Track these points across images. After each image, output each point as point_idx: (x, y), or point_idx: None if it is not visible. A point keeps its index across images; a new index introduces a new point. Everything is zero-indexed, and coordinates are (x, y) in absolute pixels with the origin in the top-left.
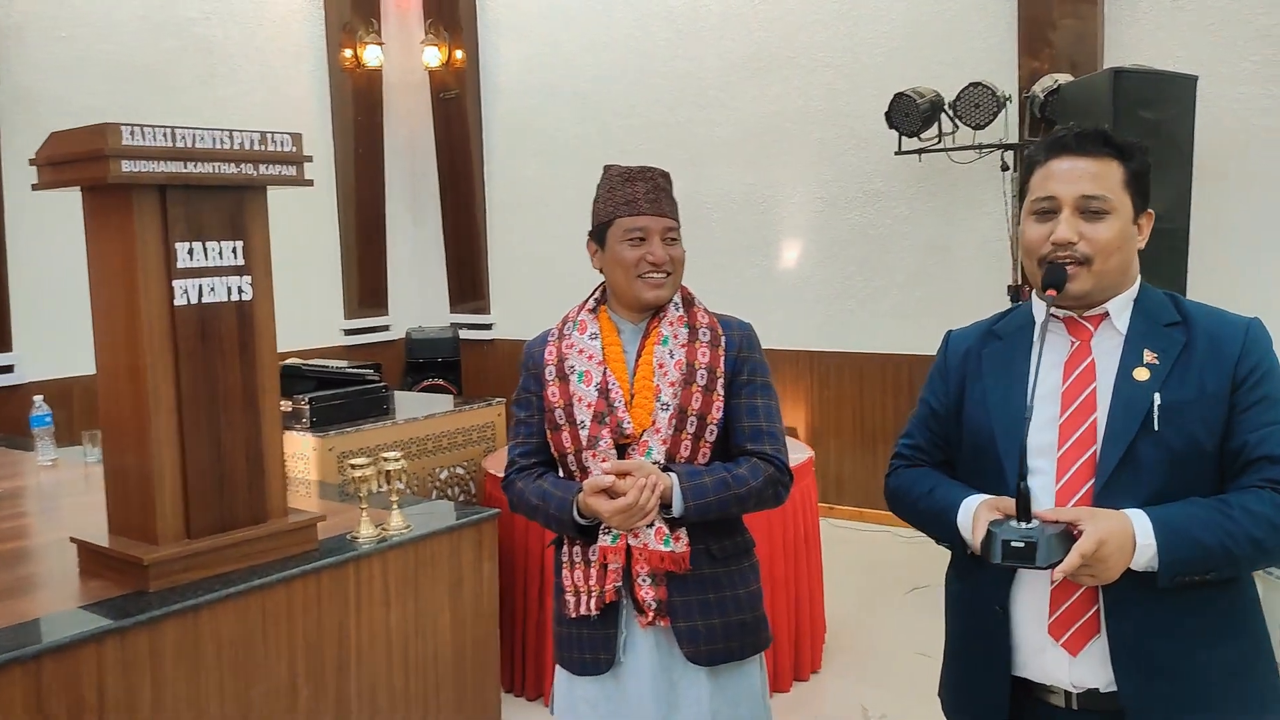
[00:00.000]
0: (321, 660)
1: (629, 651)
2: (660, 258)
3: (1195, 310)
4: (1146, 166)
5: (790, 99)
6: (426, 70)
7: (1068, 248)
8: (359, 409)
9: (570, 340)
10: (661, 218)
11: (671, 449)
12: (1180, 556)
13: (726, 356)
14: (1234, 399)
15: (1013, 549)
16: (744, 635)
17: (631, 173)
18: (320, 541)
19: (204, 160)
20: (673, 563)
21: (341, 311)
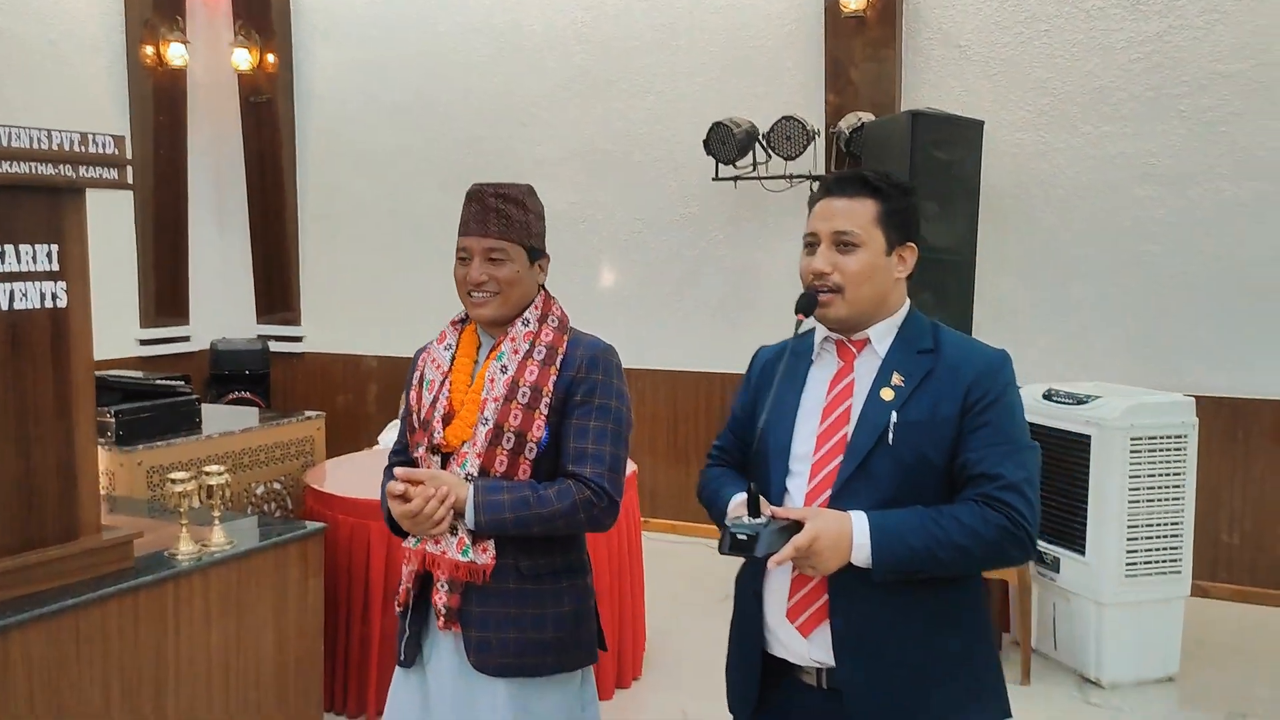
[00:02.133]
0: (139, 682)
1: (432, 649)
2: (476, 278)
3: (949, 340)
4: (905, 205)
5: (611, 121)
6: (236, 72)
7: (823, 277)
8: (169, 422)
9: (430, 350)
10: (484, 238)
11: (486, 463)
12: (891, 555)
13: (562, 376)
14: (963, 421)
15: (737, 540)
16: (544, 654)
17: (470, 192)
18: (136, 559)
19: (20, 160)
20: (469, 573)
21: (138, 320)
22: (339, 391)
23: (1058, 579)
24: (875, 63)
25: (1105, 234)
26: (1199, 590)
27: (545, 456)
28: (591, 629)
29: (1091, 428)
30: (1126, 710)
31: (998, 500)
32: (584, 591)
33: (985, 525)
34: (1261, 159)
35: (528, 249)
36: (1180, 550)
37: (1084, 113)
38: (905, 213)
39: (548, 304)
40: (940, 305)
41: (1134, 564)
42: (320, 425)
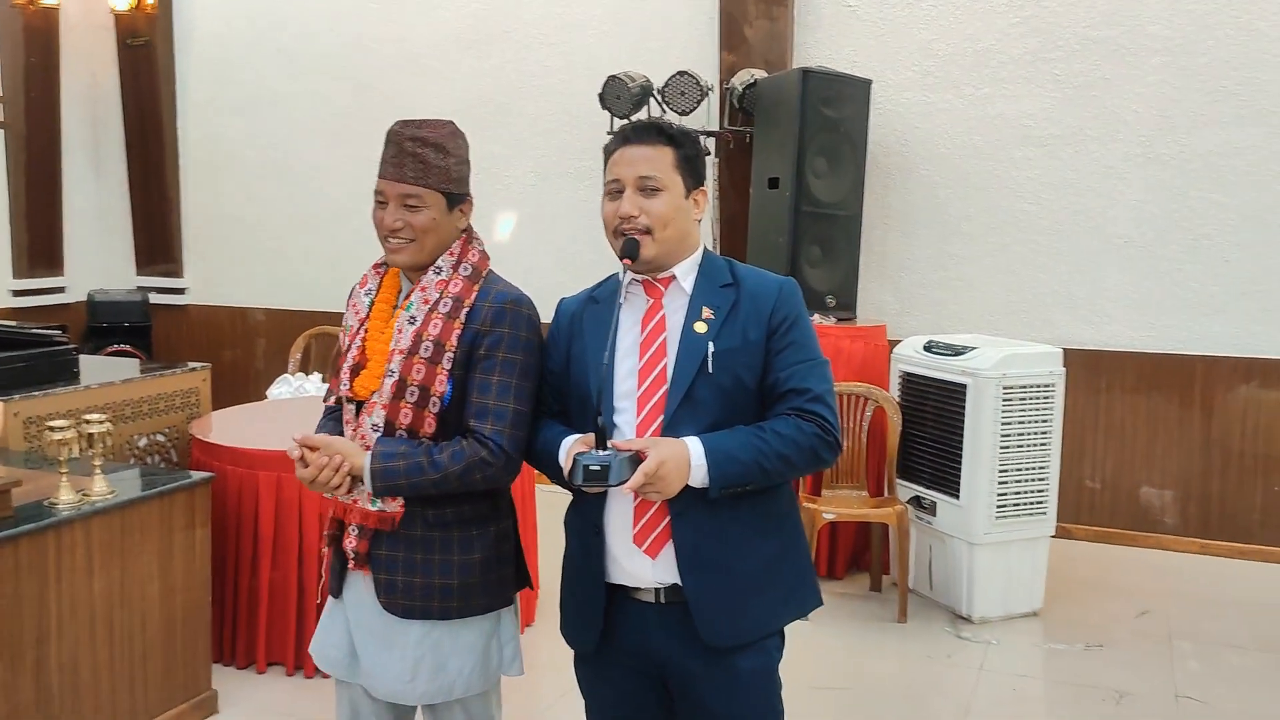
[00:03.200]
0: (19, 632)
1: (352, 586)
2: (391, 224)
3: (745, 273)
4: (696, 152)
5: (505, 73)
6: (112, 13)
7: (631, 220)
8: (45, 372)
9: (353, 295)
10: (399, 183)
11: (391, 415)
12: (725, 472)
13: (467, 329)
14: (769, 344)
15: (590, 471)
16: (449, 598)
17: (389, 132)
18: (14, 508)
19: None
20: (378, 521)
21: (10, 271)
22: (225, 345)
23: (934, 522)
24: (768, 20)
25: (984, 192)
26: (1063, 531)
27: (451, 410)
28: (506, 573)
29: (967, 377)
30: (994, 643)
31: (809, 412)
32: (497, 537)
33: (802, 434)
34: (1127, 122)
35: (446, 195)
36: (1046, 493)
37: (966, 74)
38: (697, 159)
39: (465, 250)
40: (827, 259)
41: (1004, 506)
42: (206, 377)
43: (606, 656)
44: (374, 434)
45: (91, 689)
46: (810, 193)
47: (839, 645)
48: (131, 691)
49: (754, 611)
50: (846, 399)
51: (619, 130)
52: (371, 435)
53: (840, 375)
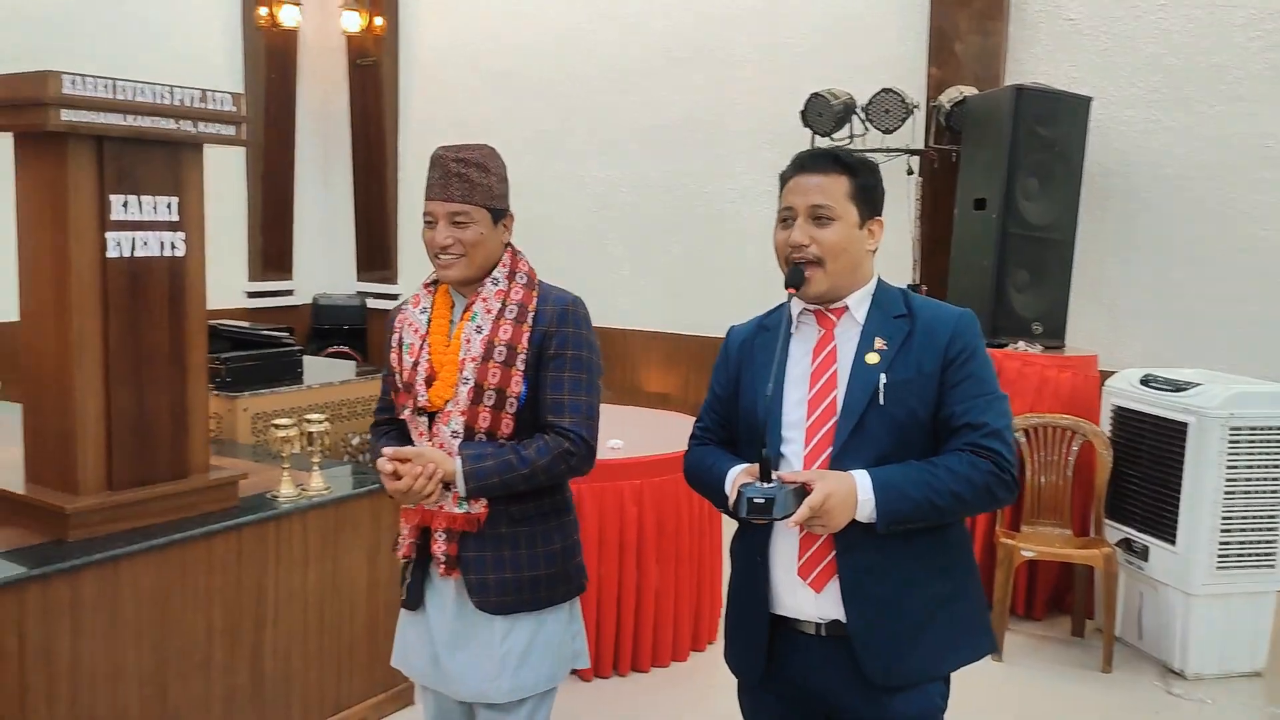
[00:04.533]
0: (239, 616)
1: (435, 594)
2: (442, 242)
3: (920, 304)
4: (874, 181)
5: (708, 92)
6: (345, 35)
7: (801, 249)
8: (273, 371)
9: (406, 312)
10: (448, 202)
11: (470, 420)
12: (894, 507)
13: (534, 331)
14: (944, 376)
15: (754, 504)
16: (537, 589)
17: (432, 158)
18: (240, 499)
19: (144, 114)
20: (466, 523)
21: (246, 274)
22: None
23: (1145, 568)
24: (981, 35)
25: (1216, 217)
26: None
27: (525, 409)
28: (578, 563)
29: (1189, 415)
30: (1210, 703)
31: (984, 448)
32: (569, 527)
33: (976, 471)
34: None
35: (491, 210)
36: (1275, 544)
37: (1198, 91)
38: (874, 189)
39: (515, 261)
40: (1035, 283)
41: (1226, 556)
42: None
43: (769, 687)
44: (453, 440)
45: (301, 674)
46: (1020, 214)
47: (1036, 692)
48: (338, 678)
49: (920, 652)
50: (1051, 431)
51: (795, 157)
52: (451, 442)
53: (1046, 406)
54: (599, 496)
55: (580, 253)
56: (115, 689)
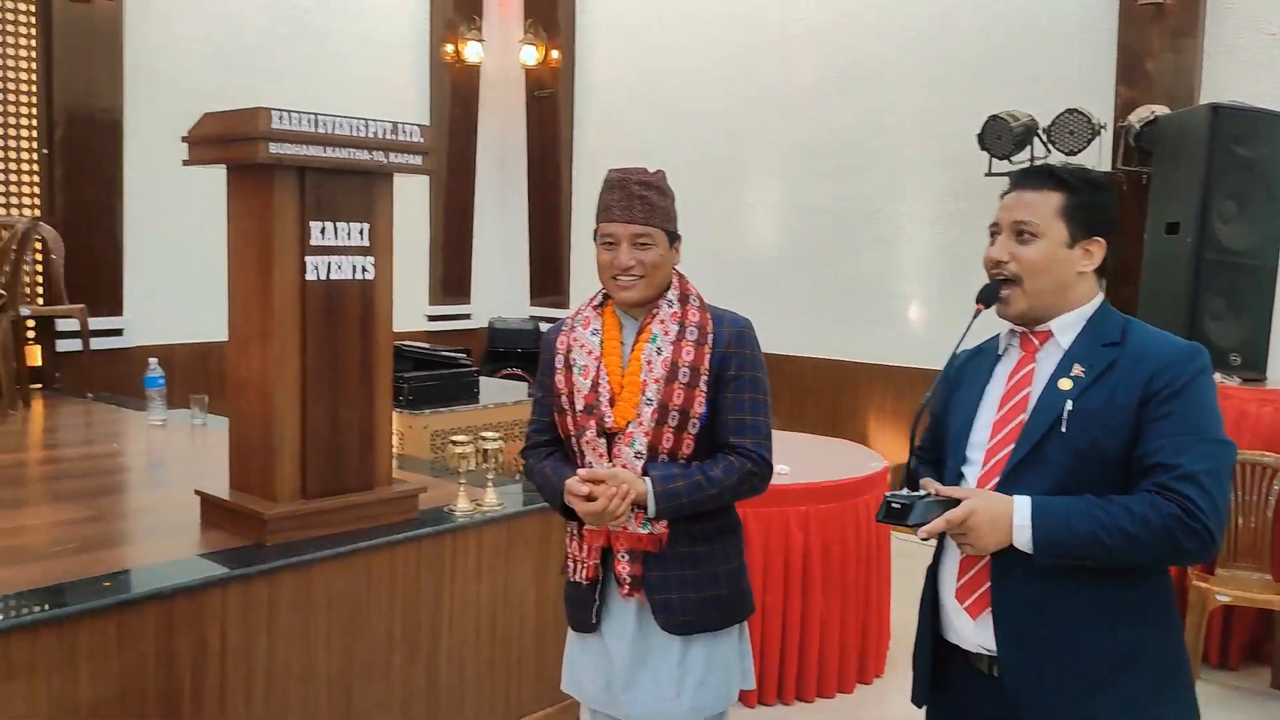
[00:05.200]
0: (418, 623)
1: (612, 616)
2: (624, 263)
3: (1138, 332)
4: (1094, 200)
5: (878, 114)
6: (523, 68)
7: (999, 265)
8: (451, 391)
9: (575, 334)
10: (630, 224)
11: (654, 441)
12: (1053, 539)
13: (713, 353)
14: (1143, 410)
15: (891, 509)
16: (718, 608)
17: (611, 180)
18: (420, 512)
19: (341, 146)
20: (650, 543)
21: (427, 297)
22: None
23: None
24: (1173, 53)
25: None
26: None
27: (704, 431)
28: (749, 583)
29: None
30: None
31: (1171, 490)
32: (740, 546)
33: (1156, 514)
34: None
35: (668, 233)
36: None
37: None
38: (1094, 208)
39: (684, 284)
40: (1233, 312)
41: None
42: None
43: (939, 716)
44: (636, 461)
45: (474, 683)
46: (1216, 239)
47: None
48: (507, 689)
49: (1100, 713)
50: (1250, 470)
51: (1013, 173)
52: (634, 463)
53: (1245, 443)
54: (765, 522)
55: (746, 277)
56: (306, 687)
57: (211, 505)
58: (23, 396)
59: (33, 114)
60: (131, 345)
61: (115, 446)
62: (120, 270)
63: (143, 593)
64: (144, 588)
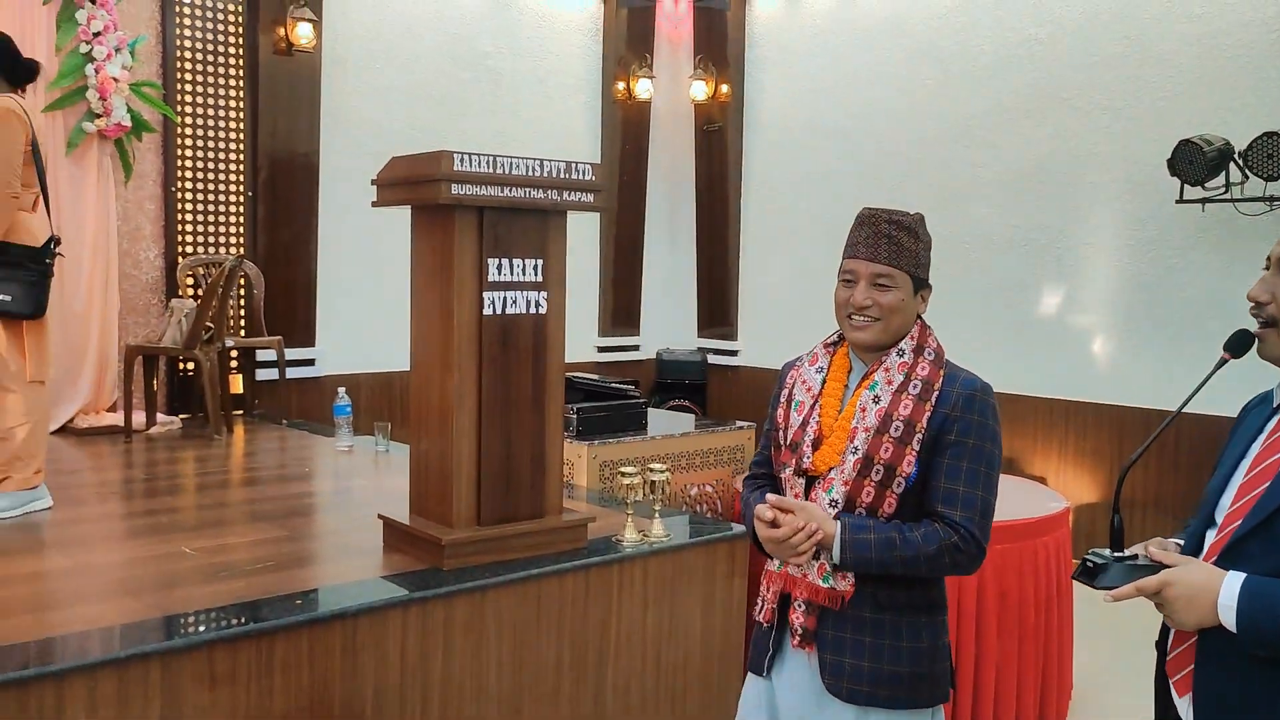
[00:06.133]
0: (585, 650)
1: (786, 665)
2: (860, 302)
3: None
4: None
5: (1062, 141)
6: (693, 103)
7: (1260, 307)
8: (619, 422)
9: (802, 370)
10: (873, 263)
11: (853, 492)
12: (1258, 625)
13: (935, 413)
14: None
15: (1085, 567)
16: (896, 686)
17: (861, 217)
18: (589, 541)
19: (518, 186)
20: (828, 598)
21: (597, 329)
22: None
23: None
24: None
25: None
26: None
27: (911, 492)
28: (946, 666)
29: None
30: None
31: None
32: (940, 628)
33: None
34: None
35: (914, 278)
36: None
37: None
38: None
39: (924, 335)
40: None
41: None
42: (751, 435)
43: None
44: (830, 509)
45: (639, 712)
46: None
47: None
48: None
49: None
50: None
51: None
52: (828, 511)
53: None
54: None
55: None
56: (478, 708)
57: (393, 529)
58: (226, 422)
59: (241, 159)
60: (322, 375)
61: (307, 470)
62: (314, 304)
63: (330, 611)
64: (332, 606)
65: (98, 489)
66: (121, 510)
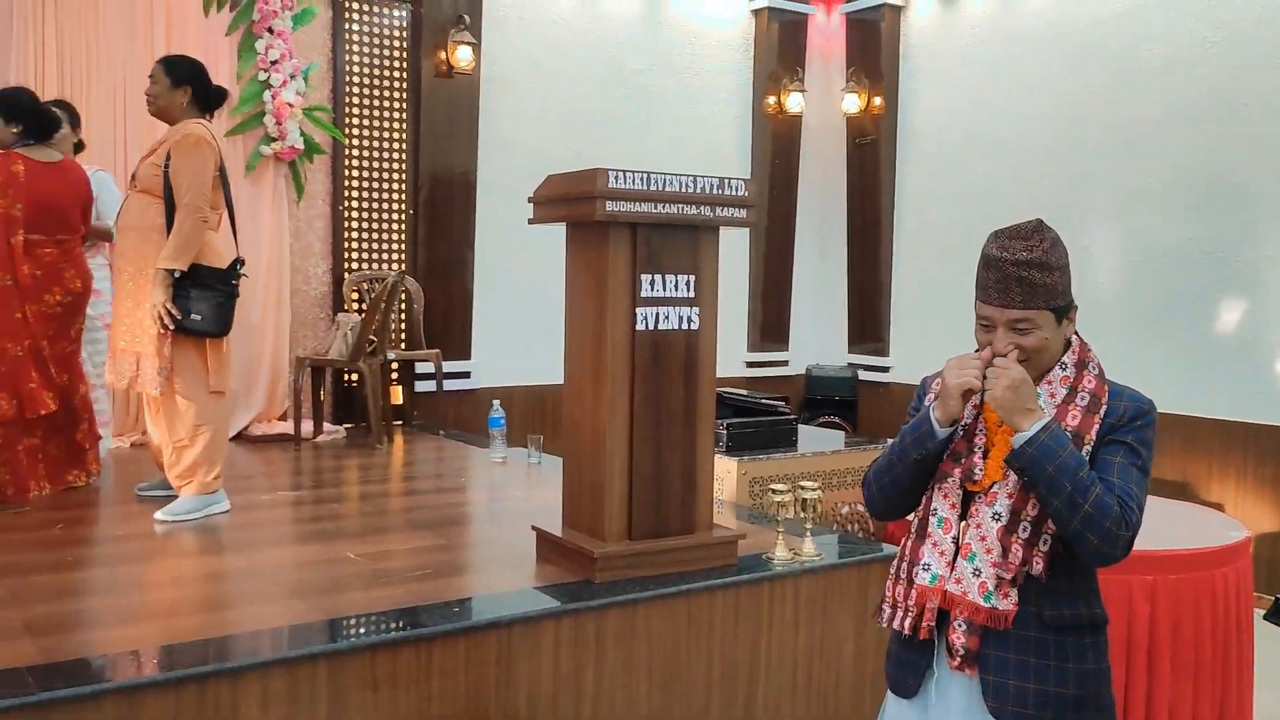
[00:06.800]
0: (734, 669)
1: (939, 688)
2: (1001, 350)
3: None
4: None
5: (1236, 149)
6: (844, 116)
7: None
8: (769, 438)
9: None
10: (1007, 309)
11: (1017, 504)
12: None
13: (1103, 424)
14: None
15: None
16: (1063, 710)
17: (988, 257)
18: (738, 558)
19: (671, 202)
20: (990, 618)
21: (745, 344)
22: None
23: None
24: None
25: None
26: None
27: None
28: (1110, 692)
29: None
30: None
31: None
32: (1105, 649)
33: None
34: None
35: (1054, 310)
36: None
37: None
38: None
39: (1084, 351)
40: None
41: None
42: None
43: None
44: (994, 523)
45: None
46: None
47: None
48: None
49: None
50: None
51: None
52: (991, 525)
53: None
54: (1104, 589)
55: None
56: None
57: (546, 541)
58: (387, 432)
59: (403, 178)
60: (477, 387)
61: (462, 481)
62: (470, 319)
63: (486, 619)
64: (487, 615)
65: (269, 494)
66: (290, 515)
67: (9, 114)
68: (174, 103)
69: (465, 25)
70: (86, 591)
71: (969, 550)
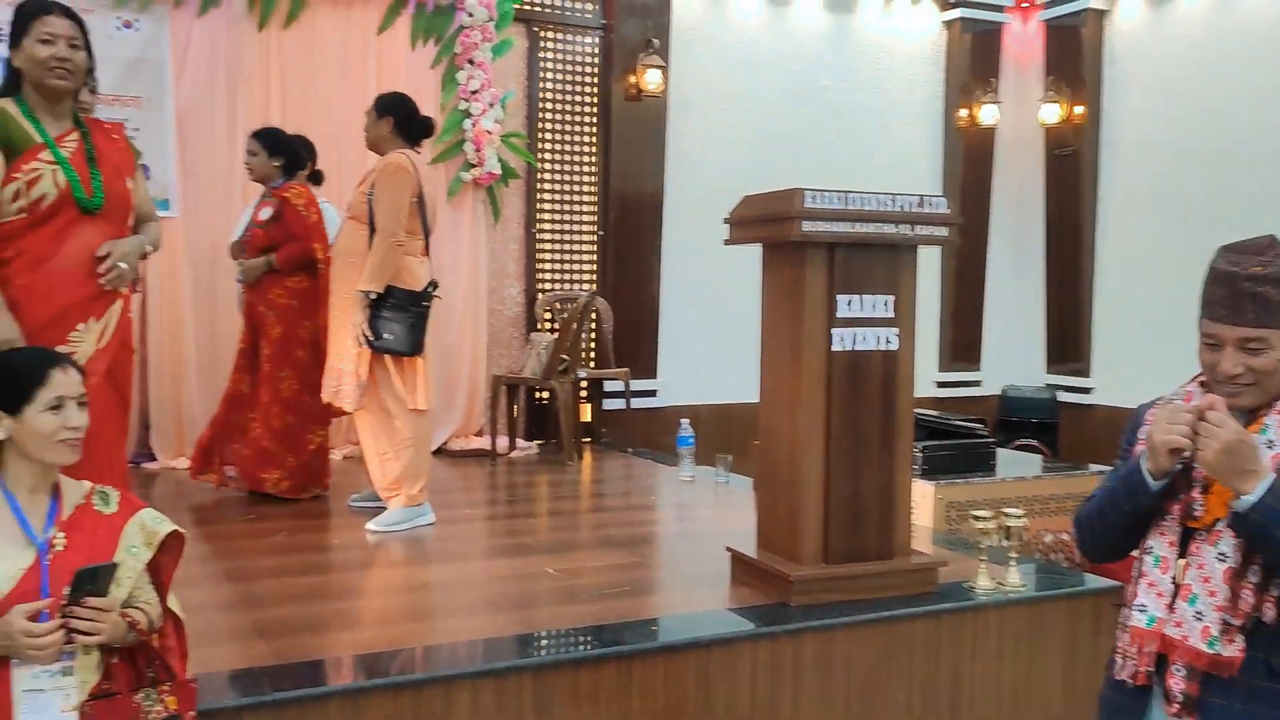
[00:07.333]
0: (936, 699)
1: None
2: (1230, 371)
3: None
4: None
5: None
6: (1042, 126)
7: None
8: (966, 461)
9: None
10: (1238, 327)
11: (1242, 547)
12: None
13: None
14: None
15: None
16: None
17: (1217, 272)
18: (938, 586)
19: (869, 221)
20: (1213, 665)
21: (936, 363)
22: None
23: None
24: None
25: None
26: None
27: None
28: None
29: None
30: None
31: None
32: None
33: None
34: None
35: None
36: None
37: None
38: None
39: None
40: None
41: None
42: None
43: None
44: (1219, 564)
45: None
46: None
47: None
48: None
49: None
50: None
51: None
52: (1216, 566)
53: None
54: None
55: None
56: None
57: (740, 562)
58: (577, 448)
59: (594, 201)
60: (664, 405)
61: (652, 499)
62: (656, 338)
63: (684, 639)
64: (684, 635)
65: (468, 507)
66: (488, 529)
67: (274, 149)
68: (380, 135)
69: (654, 49)
70: (308, 597)
71: (1189, 592)
